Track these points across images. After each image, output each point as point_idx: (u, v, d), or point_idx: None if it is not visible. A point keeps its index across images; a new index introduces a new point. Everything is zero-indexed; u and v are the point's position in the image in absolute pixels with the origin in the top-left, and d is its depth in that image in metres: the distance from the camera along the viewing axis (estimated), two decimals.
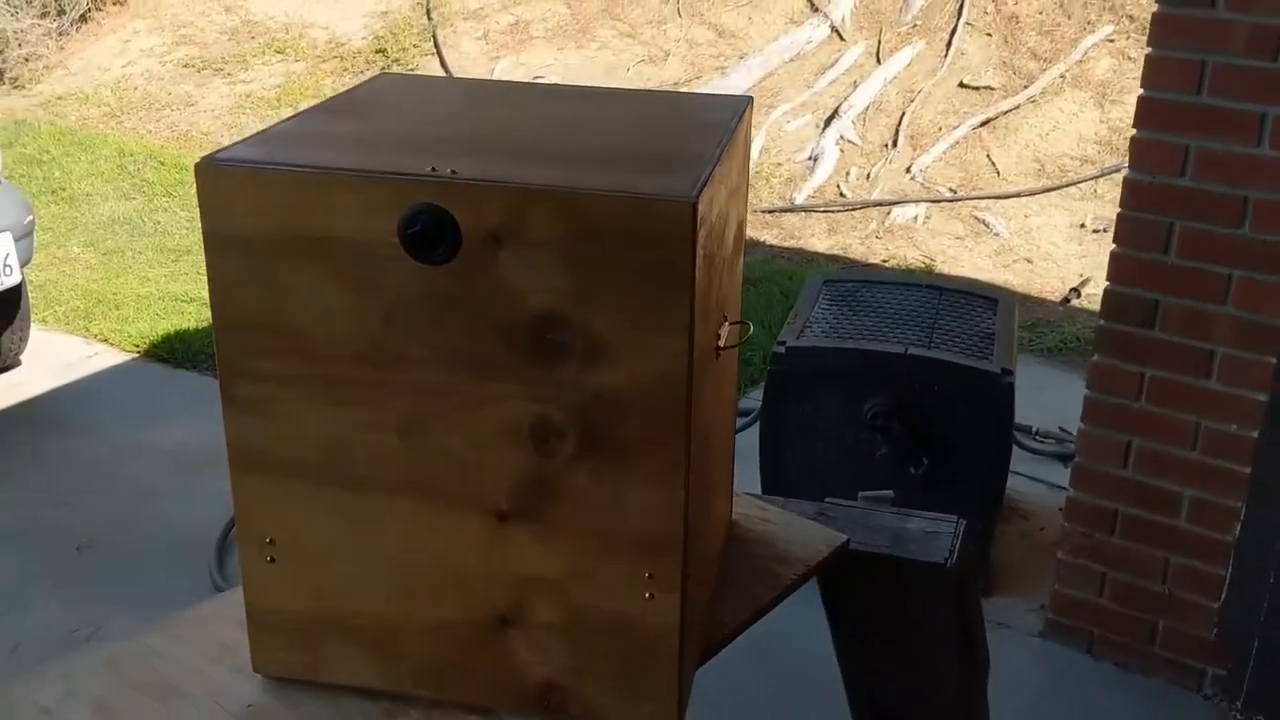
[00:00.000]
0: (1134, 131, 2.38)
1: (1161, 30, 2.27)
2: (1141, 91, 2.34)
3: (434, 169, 1.21)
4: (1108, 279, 2.49)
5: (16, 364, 4.46)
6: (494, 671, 1.38)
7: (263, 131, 1.35)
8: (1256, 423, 2.35)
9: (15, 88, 8.05)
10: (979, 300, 3.08)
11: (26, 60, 8.18)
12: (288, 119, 1.40)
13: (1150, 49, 2.29)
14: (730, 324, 1.49)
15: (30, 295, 4.70)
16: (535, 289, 1.21)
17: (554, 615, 1.35)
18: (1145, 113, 2.34)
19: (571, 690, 1.37)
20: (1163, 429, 2.49)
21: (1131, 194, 2.39)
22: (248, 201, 1.22)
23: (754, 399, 3.53)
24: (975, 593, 1.89)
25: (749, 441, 3.02)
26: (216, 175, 1.22)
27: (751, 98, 1.60)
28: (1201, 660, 2.57)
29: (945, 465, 2.76)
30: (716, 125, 1.44)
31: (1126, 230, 2.42)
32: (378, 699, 1.41)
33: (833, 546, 1.77)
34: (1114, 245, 2.46)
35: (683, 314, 1.20)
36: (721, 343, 1.43)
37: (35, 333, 4.58)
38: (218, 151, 1.25)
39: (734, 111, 1.51)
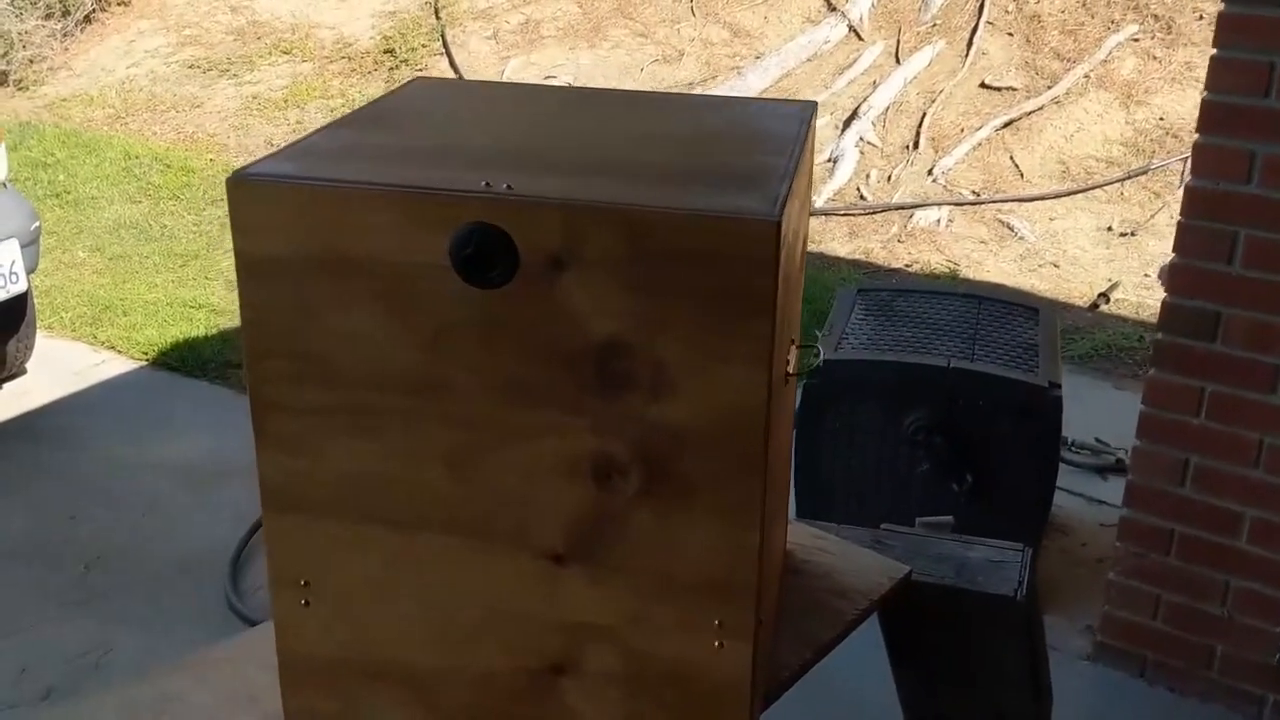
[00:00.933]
0: (1196, 136, 2.27)
1: (1228, 30, 2.16)
2: (1205, 94, 2.24)
3: (487, 184, 1.11)
4: (1166, 290, 2.38)
5: (22, 372, 4.36)
6: None
7: (295, 143, 1.24)
8: None
9: (20, 90, 7.95)
10: (1019, 310, 2.98)
11: (31, 62, 8.09)
12: (320, 130, 1.30)
13: (1215, 50, 2.19)
14: (795, 346, 1.38)
15: (36, 301, 4.60)
16: (598, 314, 1.11)
17: (612, 664, 1.24)
18: (1209, 116, 2.24)
19: None
20: (1224, 446, 2.38)
21: (1193, 201, 2.29)
22: (283, 220, 1.12)
23: None
24: (1041, 625, 1.78)
25: None
26: (248, 192, 1.12)
27: (816, 103, 1.49)
28: (1262, 687, 2.47)
29: (989, 482, 2.65)
30: (785, 135, 1.34)
31: (1187, 239, 2.31)
32: None
33: (894, 578, 1.67)
34: (1173, 255, 2.36)
35: (763, 344, 1.09)
36: (790, 369, 1.32)
37: (41, 340, 4.47)
38: (249, 166, 1.15)
39: (800, 120, 1.40)
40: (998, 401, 2.61)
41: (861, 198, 5.51)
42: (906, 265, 4.99)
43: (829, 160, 5.74)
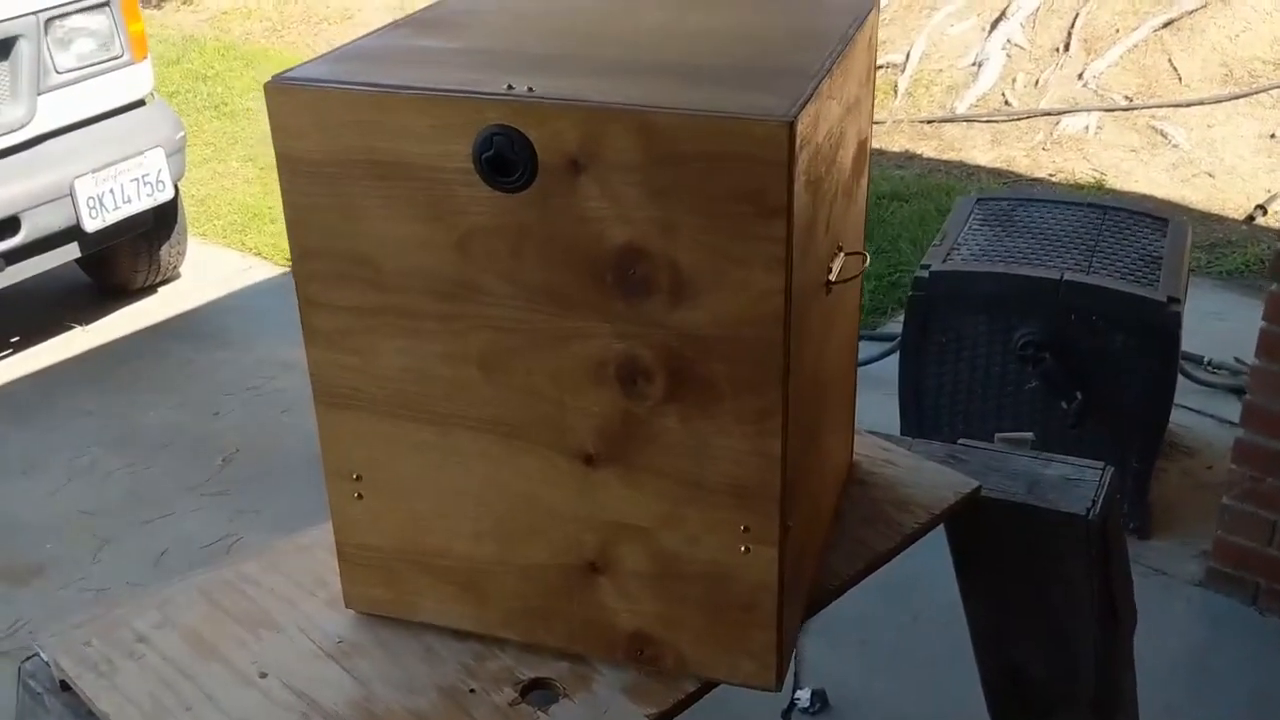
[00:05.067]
0: None
1: None
2: None
3: (510, 86, 1.12)
4: None
5: (176, 276, 4.60)
6: (584, 618, 1.32)
7: (342, 47, 1.27)
8: None
9: (185, 3, 8.25)
10: (1147, 220, 2.83)
11: None
12: (369, 34, 1.32)
13: None
14: (846, 255, 1.36)
15: (189, 209, 4.83)
16: (617, 219, 1.11)
17: (644, 563, 1.27)
18: None
19: (665, 641, 1.30)
20: None
21: None
22: (316, 122, 1.15)
23: (900, 322, 3.37)
24: (1121, 546, 1.73)
25: (891, 370, 2.88)
26: (284, 95, 1.15)
27: (876, 0, 1.44)
28: None
29: (1101, 401, 2.56)
30: (829, 33, 1.30)
31: None
32: (467, 640, 1.36)
33: (961, 493, 1.64)
34: None
35: (776, 249, 1.08)
36: (833, 276, 1.30)
37: (194, 246, 4.70)
38: (288, 70, 1.18)
39: (854, 17, 1.36)
40: (1112, 316, 2.51)
41: (1006, 103, 5.29)
42: (1050, 175, 4.79)
43: (973, 64, 5.52)
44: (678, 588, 1.27)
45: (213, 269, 4.71)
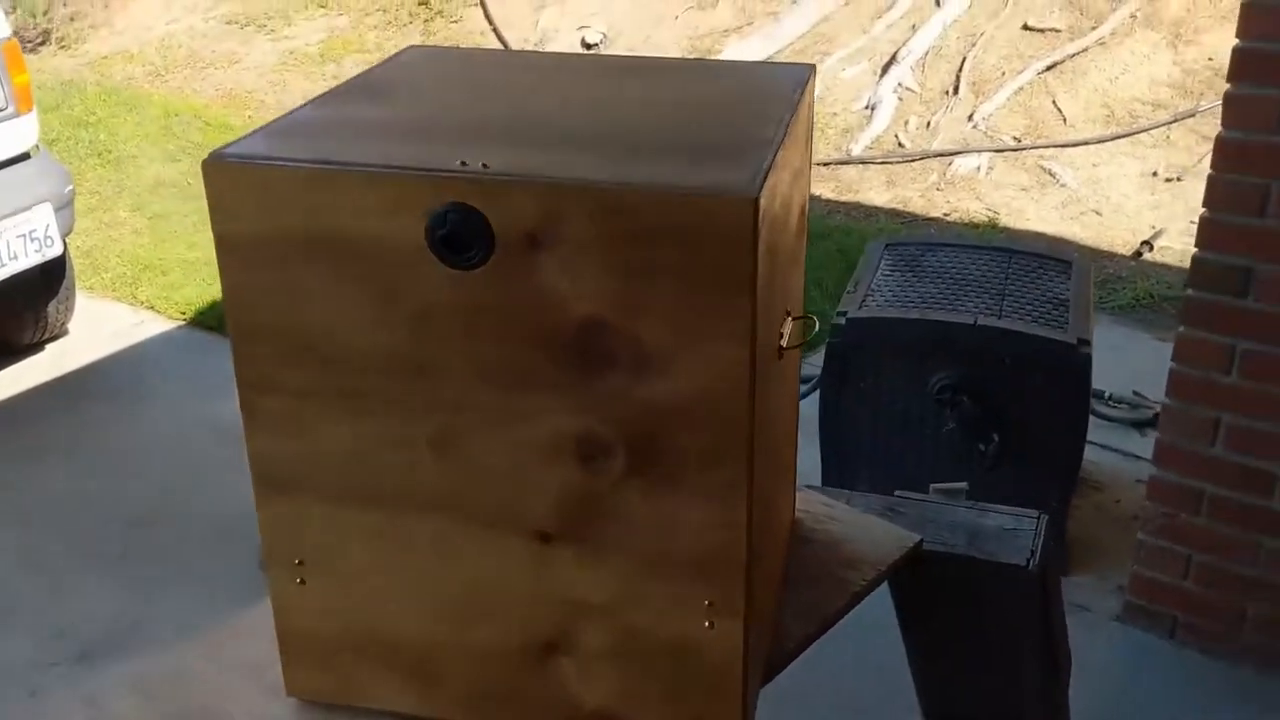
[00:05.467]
0: (1228, 87, 2.19)
1: None
2: (1237, 42, 2.16)
3: (463, 162, 1.09)
4: (1195, 245, 2.32)
5: (64, 333, 4.42)
6: (542, 699, 1.28)
7: (277, 120, 1.23)
8: None
9: (62, 48, 8.01)
10: (1052, 263, 2.91)
11: (72, 19, 8.14)
12: (305, 105, 1.29)
13: None
14: (793, 319, 1.36)
15: (76, 262, 4.66)
16: (577, 295, 1.09)
17: (606, 641, 1.24)
18: (1240, 65, 2.16)
19: None
20: (1256, 404, 2.32)
21: (1224, 154, 2.22)
22: (261, 202, 1.11)
23: (814, 364, 3.40)
24: (1059, 593, 1.76)
25: (809, 411, 2.89)
26: (225, 174, 1.11)
27: (813, 66, 1.45)
28: None
29: (1017, 441, 2.61)
30: (775, 101, 1.30)
31: (1217, 193, 2.24)
32: None
33: (904, 548, 1.65)
34: (1203, 209, 2.29)
35: (742, 322, 1.07)
36: (784, 342, 1.30)
37: (82, 300, 4.53)
38: (226, 147, 1.14)
39: (795, 84, 1.37)
40: (1025, 359, 2.56)
41: (900, 145, 5.41)
42: (945, 214, 4.91)
43: (866, 108, 5.64)
44: (640, 665, 1.24)
45: (103, 324, 4.54)
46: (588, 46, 6.60)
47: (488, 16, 7.14)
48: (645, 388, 1.11)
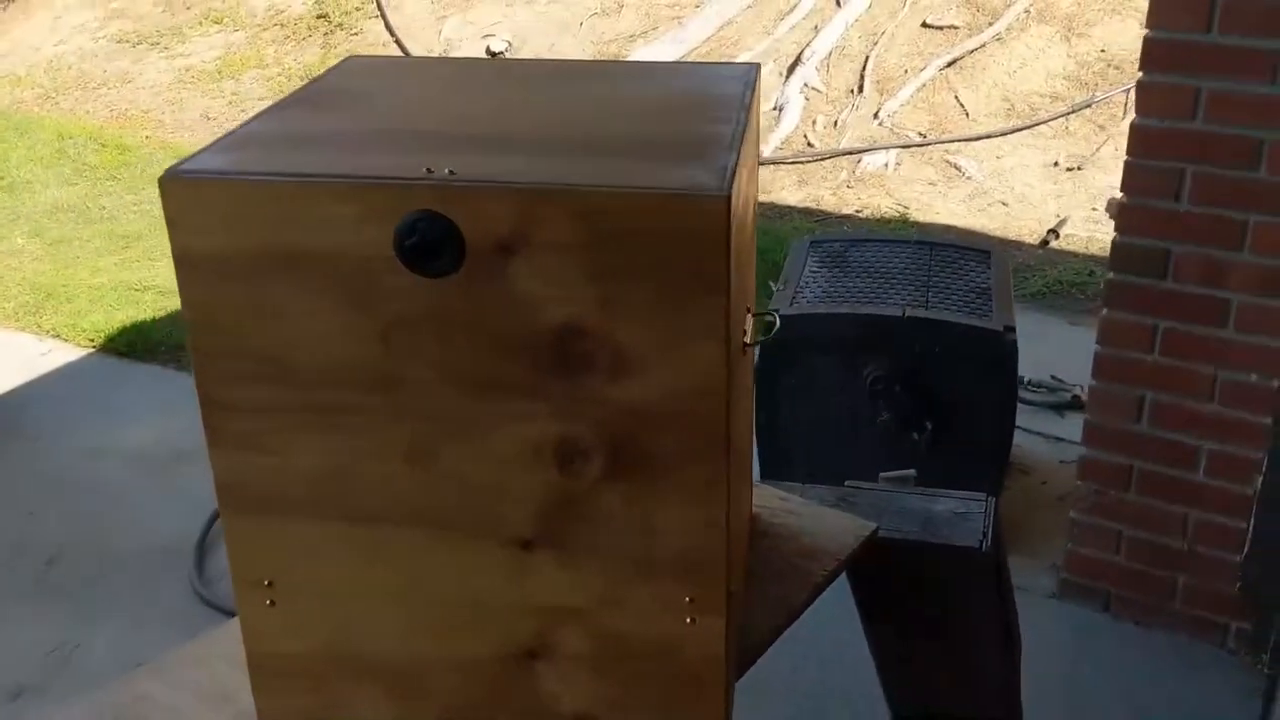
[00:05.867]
0: (1140, 75, 2.27)
1: None
2: (1147, 32, 2.23)
3: (429, 170, 1.08)
4: (1115, 230, 2.39)
5: None
6: (522, 708, 1.28)
7: (231, 133, 1.21)
8: (1277, 371, 2.28)
9: None
10: (971, 254, 2.98)
11: None
12: (256, 116, 1.26)
13: None
14: (752, 316, 1.37)
15: None
16: (552, 299, 1.09)
17: (585, 646, 1.24)
18: (1151, 54, 2.24)
19: None
20: (1178, 382, 2.41)
21: (1139, 140, 2.29)
22: (222, 217, 1.09)
23: None
24: (1008, 573, 1.80)
25: None
26: (185, 190, 1.09)
27: (759, 65, 1.47)
28: (1225, 615, 2.51)
29: (949, 429, 2.67)
30: (728, 100, 1.32)
31: (1135, 178, 2.32)
32: None
33: (861, 536, 1.67)
34: (1121, 195, 2.36)
35: (718, 320, 1.08)
36: (747, 338, 1.31)
37: None
38: (184, 162, 1.12)
39: (744, 83, 1.38)
40: (954, 348, 2.62)
41: (809, 145, 5.49)
42: (857, 211, 4.99)
43: (774, 108, 5.71)
44: (621, 667, 1.25)
45: (6, 354, 4.39)
46: (493, 55, 6.58)
47: (389, 28, 7.07)
48: (623, 389, 1.12)
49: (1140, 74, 2.27)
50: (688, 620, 1.21)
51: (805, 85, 5.76)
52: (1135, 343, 2.42)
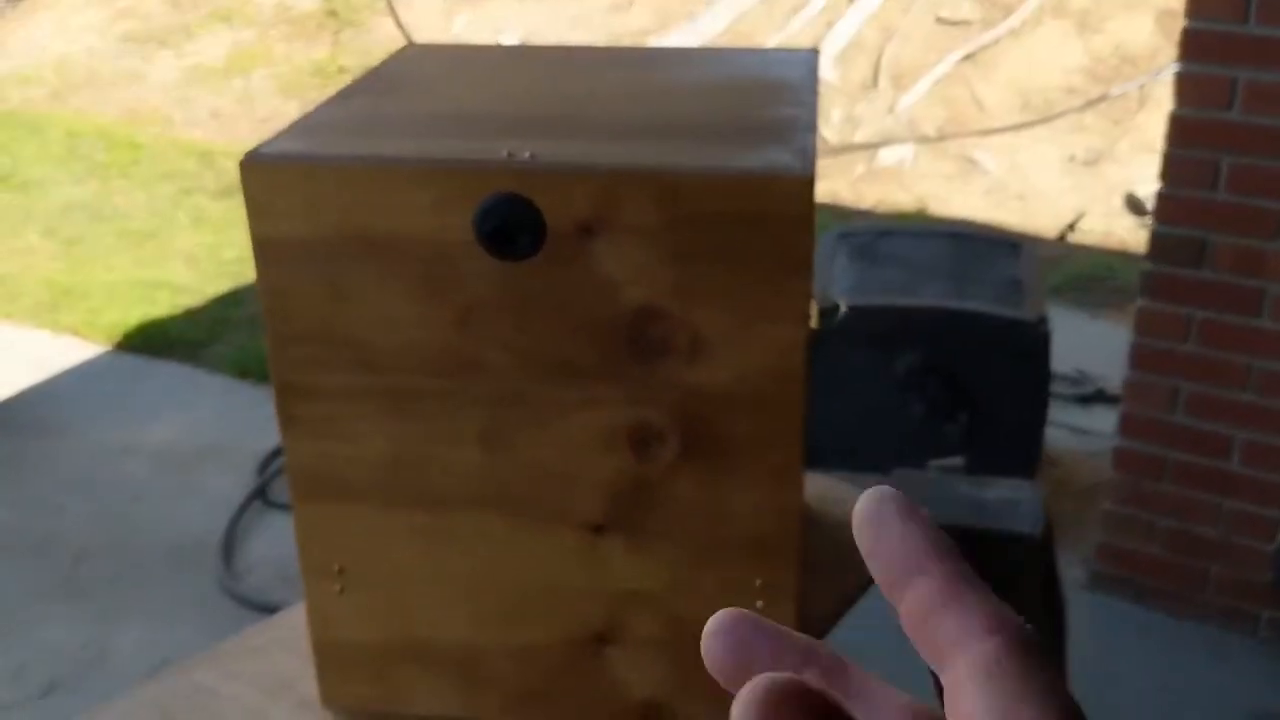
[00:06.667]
0: (1178, 65, 2.27)
1: None
2: (1186, 23, 2.23)
3: (510, 153, 1.08)
4: (1155, 219, 2.39)
5: None
6: (591, 693, 1.28)
7: (304, 118, 1.21)
8: None
9: None
10: (1001, 245, 2.98)
11: None
12: (326, 103, 1.26)
13: None
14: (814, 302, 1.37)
15: None
16: (630, 282, 1.09)
17: (656, 630, 1.24)
18: (1190, 44, 2.24)
19: (678, 709, 1.27)
20: (1213, 371, 2.41)
21: (1178, 131, 2.29)
22: (303, 202, 1.09)
23: None
24: (1056, 560, 1.80)
25: None
26: (266, 174, 1.09)
27: (817, 50, 1.47)
28: (1257, 605, 2.52)
29: (982, 421, 2.67)
30: (795, 83, 1.32)
31: (1172, 168, 2.32)
32: None
33: None
34: (1159, 185, 2.36)
35: (800, 302, 1.08)
36: (813, 322, 1.31)
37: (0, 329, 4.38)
38: (262, 146, 1.12)
39: (807, 68, 1.38)
40: (987, 340, 2.62)
41: (824, 139, 5.49)
42: (874, 205, 4.99)
43: None
44: (691, 652, 1.24)
45: (23, 352, 4.39)
46: None
47: (399, 24, 7.07)
48: (700, 373, 1.12)
49: (1179, 64, 2.27)
50: (758, 604, 1.21)
51: (821, 79, 5.76)
52: (1171, 332, 2.42)
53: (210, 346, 4.32)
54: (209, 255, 5.05)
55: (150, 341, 4.40)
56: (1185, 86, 2.27)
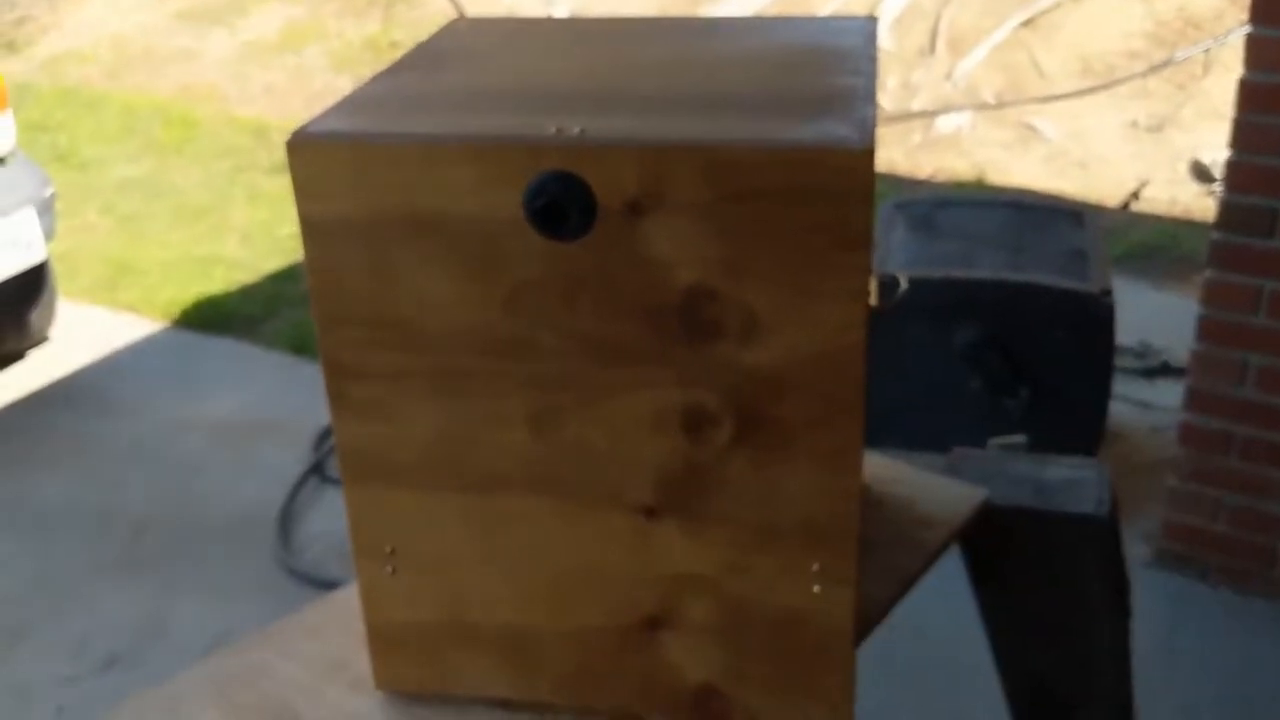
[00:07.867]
0: (1249, 29, 2.19)
1: None
2: None
3: (559, 129, 1.06)
4: (1225, 187, 2.32)
5: (45, 339, 4.33)
6: (644, 677, 1.26)
7: (351, 95, 1.19)
8: None
9: (12, 51, 7.83)
10: (1063, 215, 2.91)
11: (20, 22, 7.96)
12: (374, 79, 1.24)
13: None
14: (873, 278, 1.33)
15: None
16: (682, 261, 1.06)
17: (710, 614, 1.21)
18: (1261, 7, 2.15)
19: (732, 694, 1.24)
20: None
21: (1248, 95, 2.21)
22: (350, 181, 1.07)
23: None
24: (1122, 541, 1.75)
25: None
26: (313, 153, 1.07)
27: (875, 17, 1.43)
28: None
29: (1044, 396, 2.61)
30: (853, 53, 1.27)
31: (1243, 135, 2.24)
32: (515, 711, 1.29)
33: (973, 504, 1.63)
34: (1229, 152, 2.29)
35: (859, 278, 1.05)
36: (873, 301, 1.27)
37: (61, 306, 4.44)
38: (310, 124, 1.10)
39: (865, 36, 1.34)
40: (1050, 312, 2.56)
41: (880, 106, 5.40)
42: (931, 174, 4.91)
43: None
44: (746, 636, 1.22)
45: (84, 329, 4.45)
46: None
47: None
48: (754, 354, 1.08)
49: (1249, 27, 2.19)
50: (815, 589, 1.19)
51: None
52: (1240, 304, 2.35)
53: (266, 322, 4.35)
54: (263, 231, 5.08)
55: (206, 318, 4.45)
56: (1256, 50, 2.19)
